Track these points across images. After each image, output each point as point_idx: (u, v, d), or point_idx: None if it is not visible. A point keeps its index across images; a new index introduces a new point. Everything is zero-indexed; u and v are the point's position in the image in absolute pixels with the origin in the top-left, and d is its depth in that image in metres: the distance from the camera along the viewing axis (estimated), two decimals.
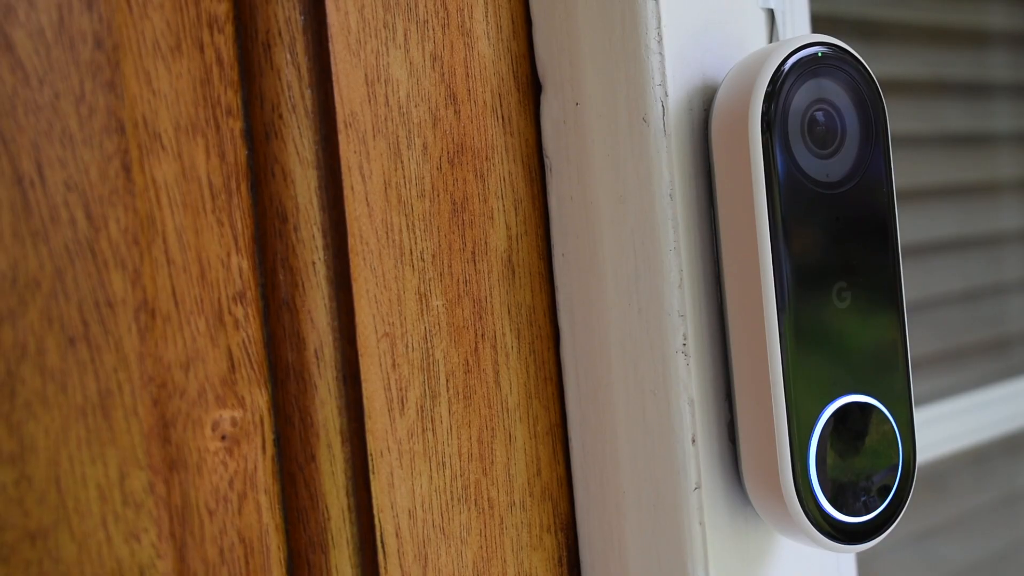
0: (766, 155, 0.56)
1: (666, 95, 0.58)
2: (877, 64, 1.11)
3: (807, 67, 0.58)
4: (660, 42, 0.58)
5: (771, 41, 0.64)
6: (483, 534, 0.59)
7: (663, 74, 0.58)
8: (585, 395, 0.62)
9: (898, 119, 1.13)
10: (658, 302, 0.58)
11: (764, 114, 0.57)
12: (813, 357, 0.58)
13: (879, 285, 0.60)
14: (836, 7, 1.07)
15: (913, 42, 1.15)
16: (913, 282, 1.14)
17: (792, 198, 0.57)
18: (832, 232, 0.59)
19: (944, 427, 1.02)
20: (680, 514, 0.59)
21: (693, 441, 0.59)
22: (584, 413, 0.62)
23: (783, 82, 0.57)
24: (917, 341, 1.12)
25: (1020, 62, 1.21)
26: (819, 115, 0.59)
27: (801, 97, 0.58)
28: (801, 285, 0.57)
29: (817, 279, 0.58)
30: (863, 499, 0.59)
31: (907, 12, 1.14)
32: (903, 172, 1.13)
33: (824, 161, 0.58)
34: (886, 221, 0.60)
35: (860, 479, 0.59)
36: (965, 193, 1.18)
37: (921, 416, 1.00)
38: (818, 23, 1.04)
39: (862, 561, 1.05)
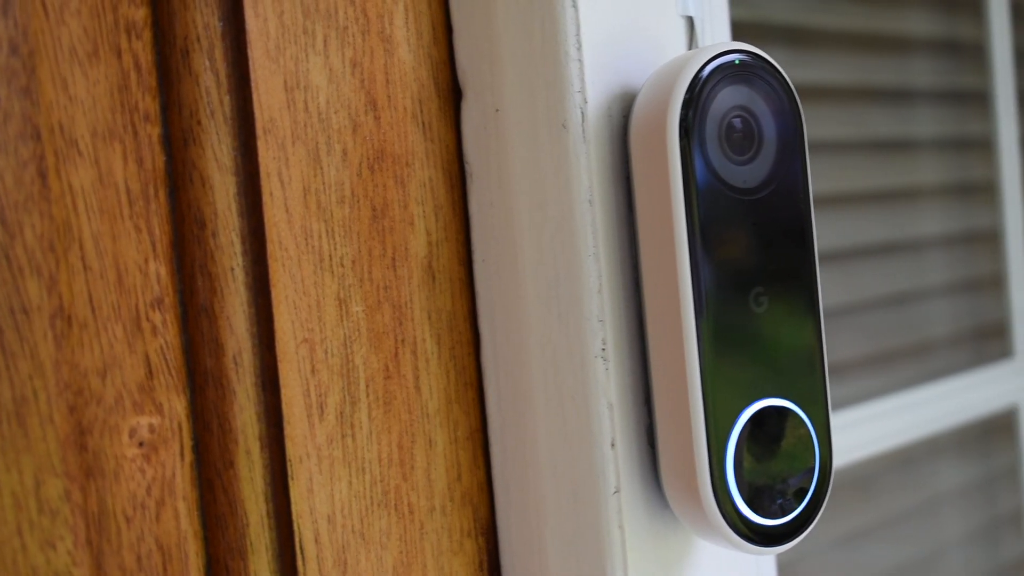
0: (684, 161, 0.57)
1: (585, 102, 0.58)
2: (804, 71, 1.12)
3: (725, 74, 0.59)
4: (579, 49, 0.59)
5: (690, 48, 0.65)
6: (403, 539, 0.59)
7: (582, 81, 0.59)
8: (505, 400, 0.62)
9: (825, 125, 1.14)
10: (577, 307, 0.59)
11: (682, 120, 0.57)
12: (730, 361, 0.58)
13: (796, 290, 0.61)
14: (764, 14, 1.08)
15: (839, 49, 1.16)
16: (840, 286, 1.15)
17: (710, 204, 0.58)
18: (750, 237, 0.59)
19: (871, 429, 1.03)
20: (599, 518, 0.59)
21: (612, 445, 0.59)
22: (504, 418, 0.62)
23: (701, 89, 0.58)
24: (844, 344, 1.13)
25: (941, 68, 1.23)
26: (736, 122, 0.59)
27: (719, 104, 0.58)
28: (719, 290, 0.58)
29: (735, 284, 0.58)
30: (780, 502, 0.59)
31: (833, 19, 1.15)
32: (830, 177, 1.14)
33: (741, 167, 0.59)
34: (803, 226, 0.61)
35: (777, 482, 0.59)
36: (890, 198, 1.19)
37: (848, 418, 1.01)
38: (745, 30, 1.05)
39: (788, 563, 1.06)
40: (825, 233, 1.12)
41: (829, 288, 1.12)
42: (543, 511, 0.61)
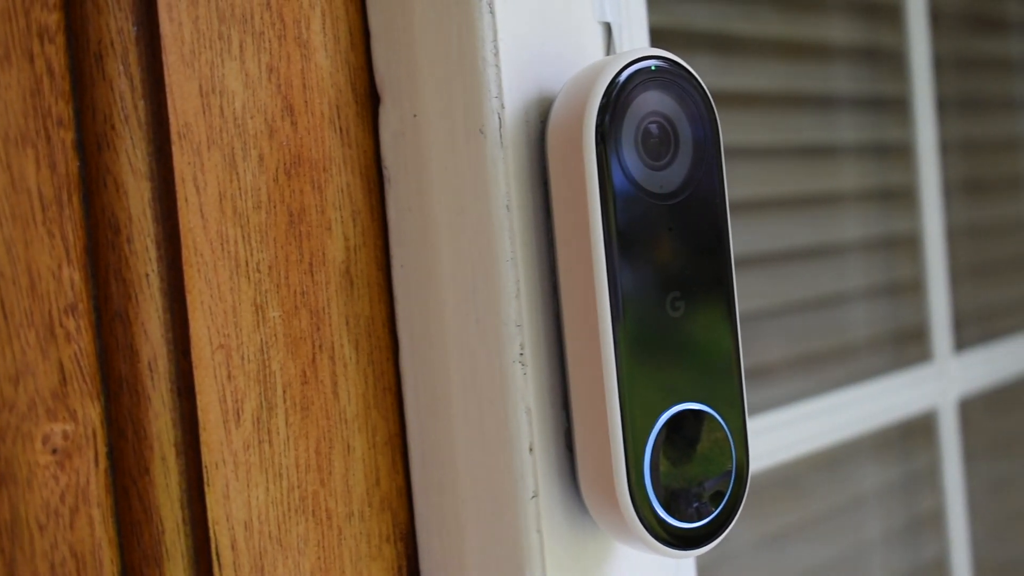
0: (600, 166, 0.57)
1: (503, 107, 0.59)
2: (730, 77, 1.13)
3: (641, 80, 0.59)
4: (496, 55, 0.59)
5: (608, 55, 0.65)
6: (321, 545, 0.59)
7: (499, 86, 0.59)
8: (424, 405, 0.62)
9: (752, 131, 1.15)
10: (495, 312, 0.59)
11: (598, 126, 0.57)
12: (647, 366, 0.59)
13: (713, 294, 0.61)
14: (690, 21, 1.08)
15: (765, 56, 1.17)
16: (767, 289, 1.15)
17: (626, 209, 0.58)
18: (666, 242, 0.59)
19: (795, 430, 1.03)
20: (518, 522, 0.59)
21: (531, 450, 0.59)
22: (423, 423, 0.62)
23: (617, 94, 0.58)
24: (770, 347, 1.14)
25: (861, 75, 1.24)
26: (653, 127, 0.59)
27: (635, 109, 0.59)
28: (635, 295, 0.58)
29: (651, 289, 0.59)
30: (697, 505, 0.60)
31: (758, 26, 1.16)
32: (757, 182, 1.15)
33: (658, 172, 0.59)
34: (720, 231, 0.61)
35: (694, 485, 0.60)
36: (813, 203, 1.20)
37: (774, 420, 1.02)
38: (671, 37, 1.05)
39: (714, 564, 1.07)
40: (752, 237, 1.13)
41: (756, 291, 1.13)
42: (462, 516, 0.61)
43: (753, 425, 0.98)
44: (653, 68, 0.59)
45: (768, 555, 1.16)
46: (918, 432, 1.21)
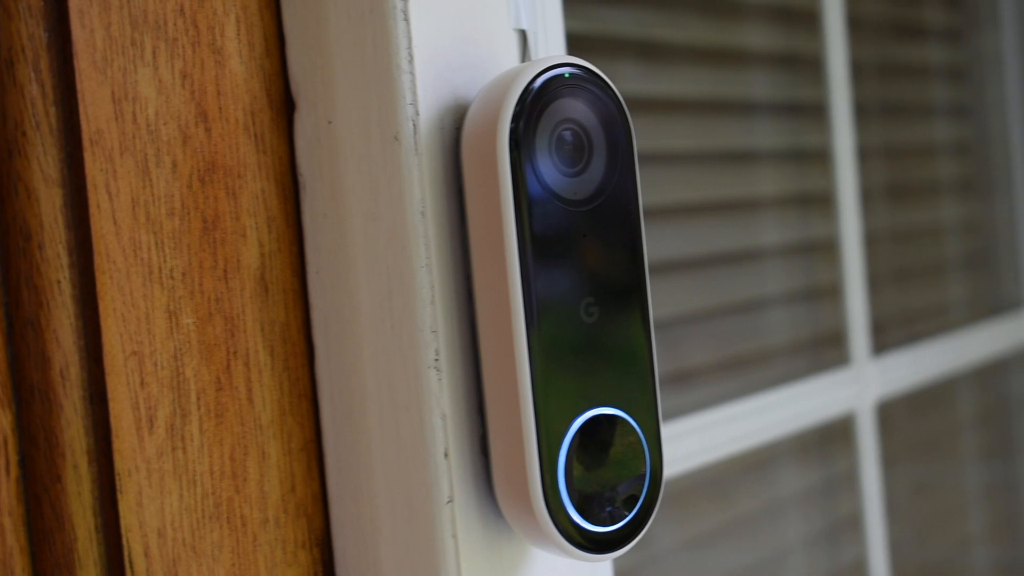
0: (514, 173, 0.58)
1: (417, 114, 0.59)
2: (656, 84, 1.14)
3: (555, 87, 0.59)
4: (411, 62, 0.59)
5: (523, 62, 0.65)
6: (236, 551, 0.59)
7: (414, 93, 0.59)
8: (340, 411, 0.62)
9: (674, 137, 1.16)
10: (410, 318, 0.59)
11: (512, 132, 0.58)
12: (562, 371, 0.59)
13: (627, 300, 0.61)
14: (616, 28, 1.09)
15: (690, 62, 1.17)
16: (692, 293, 1.16)
17: (540, 215, 0.58)
18: (580, 248, 0.60)
19: (716, 434, 1.04)
20: (433, 527, 0.60)
21: (446, 455, 0.59)
22: (339, 429, 0.62)
23: (531, 101, 0.58)
24: (692, 352, 1.14)
25: (780, 81, 1.25)
26: (567, 134, 0.60)
27: (549, 116, 0.59)
28: (549, 301, 0.58)
29: (565, 295, 0.59)
30: (610, 509, 0.60)
31: (682, 33, 1.17)
32: (679, 188, 1.15)
33: (572, 179, 0.60)
34: (634, 237, 0.62)
35: (608, 490, 0.60)
36: (734, 208, 1.21)
37: (697, 422, 1.02)
38: (596, 44, 1.06)
39: (639, 566, 1.07)
40: (675, 242, 1.13)
41: (678, 295, 1.14)
42: (377, 521, 0.61)
43: (676, 428, 0.99)
44: (567, 75, 0.60)
45: (692, 558, 1.17)
46: (837, 435, 1.23)
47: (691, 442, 1.00)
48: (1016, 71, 1.48)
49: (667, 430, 0.97)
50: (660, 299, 1.09)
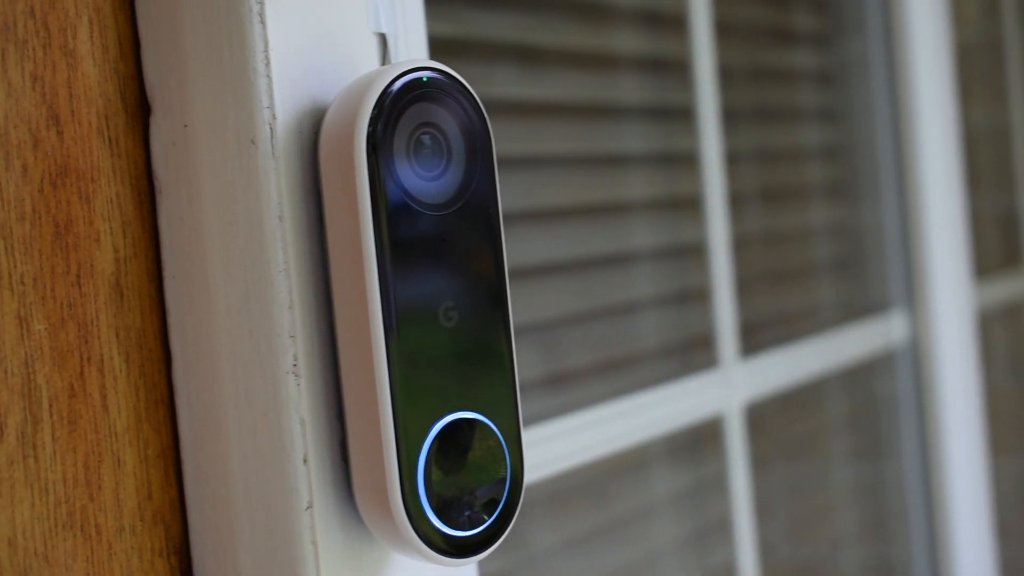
0: (371, 177, 0.57)
1: (274, 118, 0.59)
2: (532, 88, 1.14)
3: (413, 91, 0.59)
4: (268, 65, 0.59)
5: (383, 65, 0.65)
6: (90, 560, 0.58)
7: (271, 97, 0.59)
8: (197, 417, 0.61)
9: (544, 141, 1.16)
10: (268, 323, 0.59)
11: (370, 136, 0.57)
12: (421, 376, 0.59)
13: (486, 304, 0.61)
14: (492, 33, 1.09)
15: (567, 67, 1.18)
16: (568, 296, 1.16)
17: (398, 220, 0.58)
18: (439, 253, 0.60)
19: (590, 435, 1.04)
20: (292, 533, 0.59)
21: (305, 461, 0.59)
22: (197, 435, 0.61)
23: (389, 105, 0.58)
24: (569, 353, 1.15)
25: (648, 85, 1.26)
26: (425, 138, 0.60)
27: (407, 120, 0.59)
28: (408, 306, 0.58)
29: (424, 299, 0.59)
30: (469, 513, 0.60)
31: (559, 38, 1.17)
32: (549, 192, 1.16)
33: (431, 183, 0.60)
34: (494, 241, 0.62)
35: (469, 494, 0.60)
36: (606, 212, 1.22)
37: (572, 423, 1.02)
38: (472, 48, 1.06)
39: (515, 567, 1.07)
40: (553, 245, 1.14)
41: (557, 298, 1.14)
42: (236, 528, 0.61)
43: (551, 429, 0.99)
44: (425, 79, 0.60)
45: (568, 559, 1.17)
46: (707, 438, 1.24)
47: (566, 443, 1.00)
48: (882, 76, 1.50)
49: (541, 431, 0.97)
50: (536, 302, 1.10)
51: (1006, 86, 1.97)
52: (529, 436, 0.93)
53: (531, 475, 0.94)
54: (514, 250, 1.06)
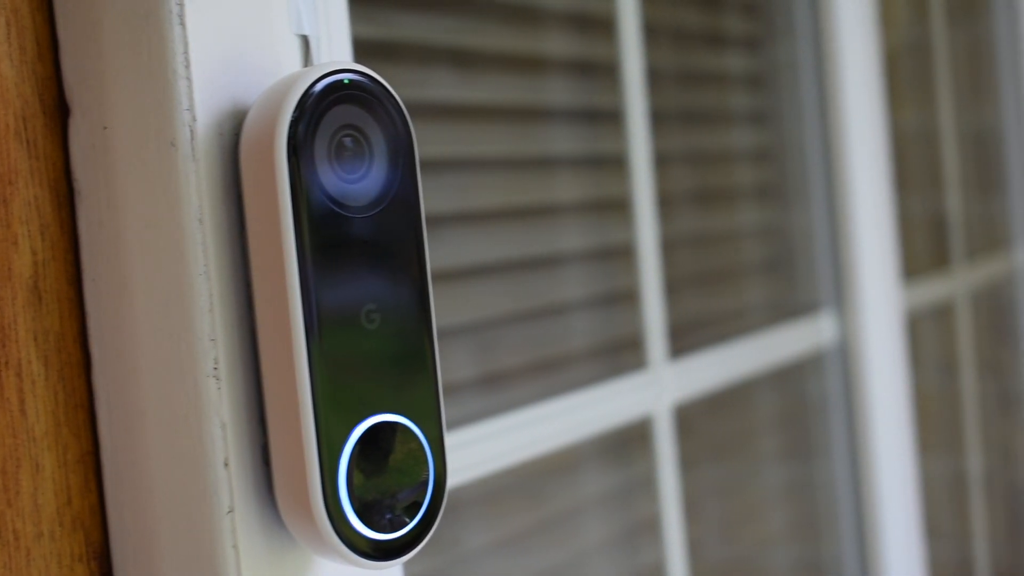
0: (292, 179, 0.57)
1: (195, 120, 0.58)
2: (467, 91, 1.14)
3: (334, 93, 0.59)
4: (188, 67, 0.58)
5: (305, 67, 0.65)
6: (8, 566, 0.57)
7: (191, 99, 0.58)
8: (118, 422, 0.61)
9: (486, 143, 1.16)
10: (188, 326, 0.58)
11: (290, 138, 0.57)
12: (343, 379, 0.59)
13: (408, 306, 0.61)
14: (426, 36, 1.09)
15: (502, 70, 1.18)
16: (500, 298, 1.16)
17: (320, 222, 0.58)
18: (361, 255, 0.60)
19: (525, 434, 1.04)
20: (213, 538, 0.59)
21: (226, 465, 0.59)
22: (117, 440, 0.61)
23: (310, 107, 0.58)
24: (502, 355, 1.15)
25: (578, 88, 1.26)
26: (347, 140, 0.60)
27: (328, 122, 0.59)
28: (329, 308, 0.58)
29: (346, 302, 0.59)
30: (391, 516, 0.60)
31: (493, 41, 1.17)
32: (490, 194, 1.16)
33: (352, 186, 0.60)
34: (416, 243, 0.62)
35: (391, 497, 0.60)
36: (537, 214, 1.22)
37: (502, 424, 1.02)
38: (407, 51, 1.06)
39: (448, 567, 1.07)
40: (487, 246, 1.13)
41: (490, 299, 1.14)
42: (157, 533, 0.60)
43: (481, 430, 0.99)
44: (346, 81, 0.60)
45: (499, 560, 1.17)
46: (637, 438, 1.24)
47: (498, 444, 1.00)
48: (811, 79, 1.51)
49: (473, 432, 0.97)
50: (470, 303, 1.10)
51: (935, 89, 1.99)
52: (461, 437, 0.93)
53: (463, 476, 0.94)
54: (447, 252, 1.06)
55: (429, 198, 1.01)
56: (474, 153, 1.15)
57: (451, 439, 0.89)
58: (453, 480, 0.90)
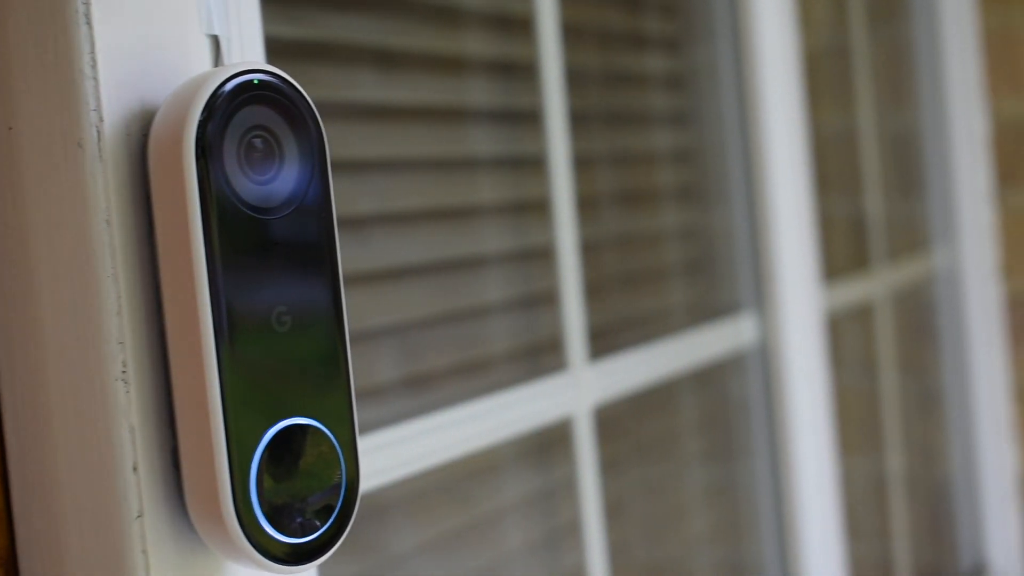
0: (201, 181, 0.57)
1: (101, 120, 0.58)
2: (384, 91, 1.13)
3: (244, 93, 0.59)
4: (94, 67, 0.58)
5: (215, 68, 0.64)
6: None
7: (98, 99, 0.58)
8: (24, 426, 0.60)
9: (409, 145, 1.15)
10: (96, 330, 0.58)
11: (199, 139, 0.57)
12: (253, 382, 0.58)
13: (319, 309, 0.61)
14: (349, 36, 1.08)
15: (426, 70, 1.17)
16: (422, 300, 1.16)
17: (229, 224, 0.57)
18: (271, 257, 0.59)
19: (446, 435, 1.04)
20: (122, 543, 0.58)
21: (134, 469, 0.58)
22: (24, 444, 0.60)
23: (218, 108, 0.57)
24: (424, 357, 1.15)
25: (497, 88, 1.26)
26: (257, 141, 0.59)
27: (237, 123, 0.58)
28: (239, 311, 0.58)
29: (256, 305, 0.58)
30: (302, 520, 0.59)
31: (417, 41, 1.17)
32: (412, 196, 1.15)
33: (263, 187, 0.59)
34: (328, 245, 0.61)
35: (302, 501, 0.60)
36: (455, 216, 1.22)
37: (423, 426, 1.02)
38: (331, 51, 1.05)
39: (376, 569, 1.07)
40: (403, 248, 1.13)
41: (412, 301, 1.14)
42: (65, 539, 0.60)
43: (404, 431, 0.98)
44: (256, 82, 0.59)
45: (424, 562, 1.17)
46: (558, 440, 1.24)
47: (420, 445, 1.00)
48: (731, 81, 1.51)
49: (395, 433, 0.96)
50: (392, 304, 1.09)
51: (854, 91, 2.00)
52: (384, 438, 0.92)
53: (385, 477, 0.94)
54: (369, 253, 1.05)
55: (351, 199, 1.01)
56: (395, 154, 1.15)
57: (374, 440, 0.88)
58: (376, 481, 0.89)
